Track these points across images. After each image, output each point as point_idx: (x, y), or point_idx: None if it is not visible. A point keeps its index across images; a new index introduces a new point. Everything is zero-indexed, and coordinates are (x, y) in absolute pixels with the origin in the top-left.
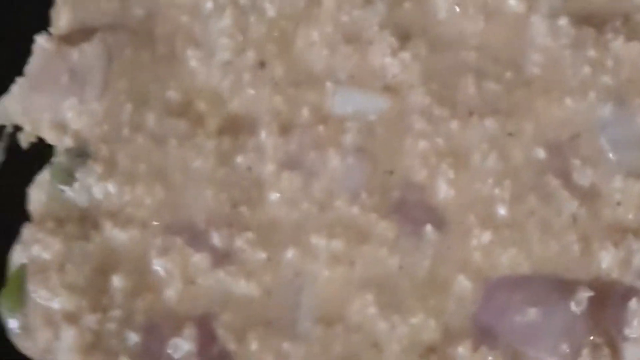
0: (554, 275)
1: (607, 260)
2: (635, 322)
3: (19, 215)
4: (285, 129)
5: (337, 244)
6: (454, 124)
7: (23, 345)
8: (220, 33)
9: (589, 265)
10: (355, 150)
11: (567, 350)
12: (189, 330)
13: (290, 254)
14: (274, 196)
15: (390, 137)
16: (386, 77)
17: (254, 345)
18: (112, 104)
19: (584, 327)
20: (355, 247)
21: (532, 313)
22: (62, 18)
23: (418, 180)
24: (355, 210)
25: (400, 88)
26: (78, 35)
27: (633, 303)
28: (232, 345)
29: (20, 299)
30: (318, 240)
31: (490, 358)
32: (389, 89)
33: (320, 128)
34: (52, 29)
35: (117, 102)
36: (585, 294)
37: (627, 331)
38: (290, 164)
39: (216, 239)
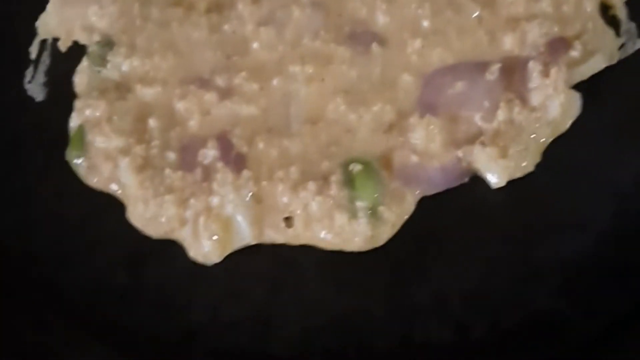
0: (472, 60)
1: (508, 42)
2: (533, 76)
3: (68, 97)
4: (255, 1)
5: (309, 68)
6: None
7: (91, 180)
8: None
9: (497, 49)
10: (311, 4)
11: (488, 106)
12: (212, 143)
13: (276, 81)
14: (256, 45)
15: None
16: None
17: (261, 146)
18: (124, 5)
19: (498, 89)
20: (323, 68)
21: (460, 85)
22: None
23: (361, 16)
24: (318, 44)
25: None
26: None
27: (530, 64)
28: (244, 149)
29: (83, 148)
30: (295, 68)
31: (433, 120)
32: None
33: None
34: None
35: (127, 4)
36: (496, 66)
37: (530, 84)
38: (264, 22)
39: (219, 81)
